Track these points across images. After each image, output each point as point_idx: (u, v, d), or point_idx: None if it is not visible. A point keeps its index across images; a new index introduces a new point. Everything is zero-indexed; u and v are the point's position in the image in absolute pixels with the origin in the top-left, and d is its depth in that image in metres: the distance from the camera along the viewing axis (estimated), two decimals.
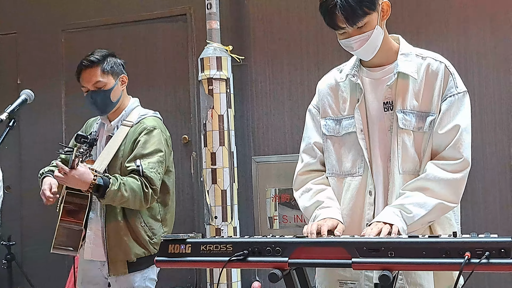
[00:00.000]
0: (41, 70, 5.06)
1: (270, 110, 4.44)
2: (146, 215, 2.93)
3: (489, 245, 1.58)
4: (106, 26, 4.92)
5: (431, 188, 2.01)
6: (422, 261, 1.64)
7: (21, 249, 5.03)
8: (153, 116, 3.07)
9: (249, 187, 4.43)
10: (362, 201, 2.12)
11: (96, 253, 2.93)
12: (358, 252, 1.70)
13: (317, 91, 2.33)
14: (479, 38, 3.95)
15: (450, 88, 2.08)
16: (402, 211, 1.97)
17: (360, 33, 2.05)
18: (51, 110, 5.02)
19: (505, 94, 3.88)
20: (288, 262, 1.75)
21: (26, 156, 5.10)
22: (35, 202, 5.00)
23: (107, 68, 2.94)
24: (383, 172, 2.11)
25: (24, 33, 5.17)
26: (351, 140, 2.16)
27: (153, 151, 2.88)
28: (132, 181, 2.77)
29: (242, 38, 4.50)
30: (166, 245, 1.85)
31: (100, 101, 2.94)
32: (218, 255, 1.80)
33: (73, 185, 2.76)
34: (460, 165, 2.03)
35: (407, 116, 2.08)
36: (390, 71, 2.13)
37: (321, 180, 2.26)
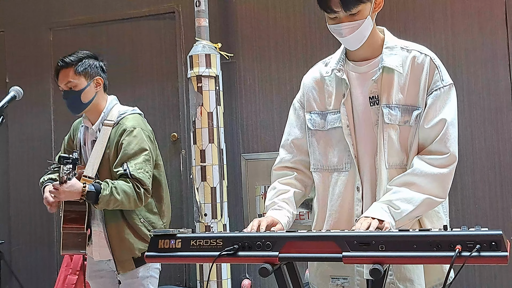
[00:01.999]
0: (29, 68, 5.03)
1: (259, 108, 4.43)
2: (144, 211, 3.02)
3: (480, 238, 1.57)
4: (93, 24, 4.89)
5: (418, 183, 2.00)
6: (413, 255, 1.63)
7: (9, 248, 5.01)
8: (132, 114, 3.10)
9: (238, 184, 4.42)
10: (350, 197, 2.11)
11: (104, 254, 3.03)
12: (348, 246, 1.68)
13: (302, 84, 2.32)
14: (466, 34, 3.95)
15: (436, 82, 2.07)
16: (390, 206, 1.96)
17: (351, 20, 2.03)
18: (40, 109, 4.99)
19: (493, 90, 3.89)
20: (279, 256, 1.74)
21: (14, 155, 5.07)
22: (23, 200, 4.99)
23: (79, 70, 3.01)
24: (370, 167, 2.10)
25: (11, 31, 5.14)
26: (337, 135, 2.15)
27: (137, 151, 2.94)
28: (123, 184, 2.85)
29: (231, 36, 4.49)
30: (156, 240, 1.84)
31: (70, 100, 3.04)
32: (208, 250, 1.79)
33: (67, 198, 2.83)
34: (447, 160, 2.02)
35: (392, 111, 2.06)
36: (375, 65, 2.12)
37: (287, 180, 2.26)
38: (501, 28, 3.91)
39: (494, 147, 3.86)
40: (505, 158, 3.86)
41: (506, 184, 3.86)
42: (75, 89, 3.00)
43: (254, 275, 4.35)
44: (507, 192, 3.86)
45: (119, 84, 3.16)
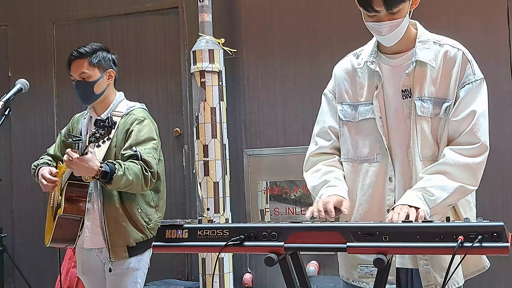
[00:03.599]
0: (32, 63, 5.05)
1: (262, 104, 4.45)
2: (142, 202, 3.03)
3: (482, 229, 1.61)
4: (97, 19, 4.91)
5: (450, 172, 2.02)
6: (416, 245, 1.66)
7: (12, 241, 5.03)
8: (141, 108, 3.19)
9: (240, 179, 4.44)
10: (382, 187, 2.14)
11: (96, 241, 3.01)
12: (353, 236, 1.72)
13: (333, 75, 2.33)
14: (469, 33, 3.97)
15: (468, 76, 2.10)
16: (424, 194, 1.98)
17: (392, 19, 2.03)
18: (42, 103, 5.01)
19: (496, 88, 3.89)
20: (284, 246, 1.77)
21: (17, 149, 5.10)
22: (26, 194, 5.02)
23: (94, 61, 3.05)
24: (402, 159, 2.12)
25: (14, 26, 5.16)
26: (369, 126, 2.17)
27: (146, 139, 3.00)
28: (133, 165, 2.86)
29: (234, 32, 4.50)
30: (163, 231, 1.87)
31: (83, 91, 3.08)
32: (215, 240, 1.82)
33: (81, 172, 2.81)
34: (478, 149, 2.06)
35: (424, 103, 2.09)
36: (408, 58, 2.13)
37: (331, 162, 2.26)
38: (504, 27, 3.93)
39: (496, 145, 3.84)
40: (506, 156, 3.89)
41: (506, 182, 3.89)
42: (89, 80, 3.03)
43: (256, 269, 4.38)
44: (508, 189, 3.89)
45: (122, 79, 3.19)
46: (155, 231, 2.99)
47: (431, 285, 2.07)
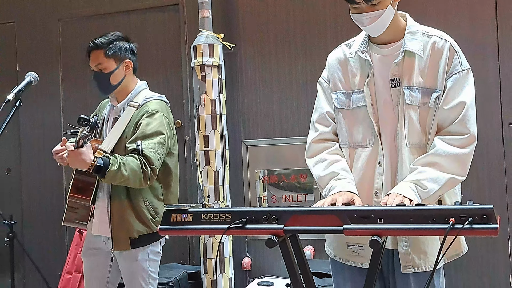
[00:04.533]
0: (39, 58, 5.04)
1: (259, 97, 4.46)
2: (150, 195, 2.94)
3: (472, 212, 1.62)
4: (100, 16, 4.90)
5: (441, 163, 2.02)
6: (409, 227, 1.67)
7: (22, 228, 5.03)
8: (157, 100, 3.04)
9: (239, 169, 4.45)
10: (372, 170, 2.14)
11: (103, 229, 2.96)
12: (349, 219, 1.73)
13: (327, 64, 2.33)
14: (458, 29, 3.97)
15: (455, 66, 2.10)
16: (418, 186, 1.99)
17: (373, 10, 2.05)
18: (49, 97, 5.01)
19: (483, 81, 3.91)
20: (284, 229, 1.77)
21: (25, 141, 5.10)
22: (34, 183, 5.03)
23: (109, 53, 2.94)
24: (390, 145, 2.13)
25: (22, 23, 5.15)
26: (361, 113, 2.17)
27: (153, 133, 2.87)
28: (131, 161, 2.75)
29: (233, 27, 4.50)
30: (168, 215, 1.87)
31: (100, 82, 2.98)
32: (218, 223, 1.82)
33: (74, 165, 2.74)
34: (467, 140, 2.06)
35: (413, 92, 2.09)
36: (397, 48, 2.14)
37: (335, 150, 2.25)
38: (491, 22, 3.93)
39: (483, 136, 3.88)
40: (493, 145, 3.90)
41: (493, 172, 3.90)
42: (105, 71, 2.93)
43: (254, 253, 4.40)
44: (494, 179, 3.90)
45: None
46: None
47: (409, 266, 2.08)
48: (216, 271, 4.02)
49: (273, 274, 4.28)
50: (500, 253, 3.88)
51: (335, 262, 2.27)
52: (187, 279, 4.09)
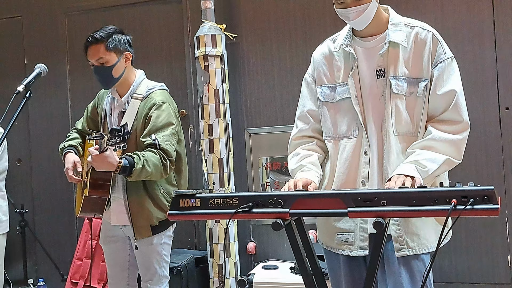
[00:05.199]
0: (46, 51, 5.02)
1: (261, 85, 4.44)
2: (164, 182, 2.97)
3: (473, 193, 1.62)
4: (105, 9, 4.88)
5: (437, 147, 2.03)
6: (412, 209, 1.67)
7: (33, 216, 5.05)
8: (160, 90, 3.04)
9: (243, 156, 4.45)
10: (357, 160, 2.14)
11: (121, 219, 2.97)
12: (353, 202, 1.72)
13: (312, 60, 2.33)
14: (455, 14, 3.96)
15: (440, 55, 2.09)
16: (417, 166, 1.99)
17: (358, 5, 2.05)
18: (57, 88, 4.99)
19: (479, 65, 3.91)
20: (289, 212, 1.78)
21: (34, 131, 5.09)
22: (44, 173, 5.03)
23: (110, 46, 2.90)
24: (377, 134, 2.13)
25: (28, 16, 5.12)
26: (346, 105, 2.17)
27: (165, 124, 2.88)
28: (152, 156, 2.77)
29: (234, 18, 4.48)
30: (177, 200, 1.87)
31: (102, 76, 2.94)
32: (225, 208, 1.83)
33: (101, 168, 2.72)
34: (461, 127, 2.07)
35: (399, 82, 2.09)
36: (381, 40, 2.14)
37: (309, 146, 2.28)
38: (488, 8, 3.90)
39: (480, 118, 3.89)
40: (490, 128, 3.89)
41: (491, 153, 3.89)
42: (107, 65, 2.89)
43: (258, 238, 4.40)
44: (492, 160, 3.89)
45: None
46: None
47: (402, 249, 2.08)
48: (222, 256, 4.03)
49: (277, 258, 4.29)
50: (498, 234, 3.87)
51: (327, 251, 2.28)
52: (194, 264, 4.10)
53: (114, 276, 3.11)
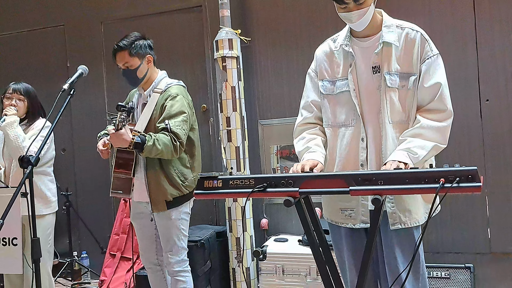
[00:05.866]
0: (85, 54, 5.05)
1: (272, 82, 4.43)
2: (178, 164, 2.99)
3: (459, 173, 1.63)
4: (136, 18, 4.89)
5: (425, 134, 2.03)
6: (406, 187, 1.68)
7: (76, 198, 5.10)
8: (177, 85, 3.09)
9: (256, 144, 4.45)
10: (356, 146, 2.14)
11: (142, 196, 3.01)
12: (354, 182, 1.73)
13: (314, 57, 2.33)
14: (441, 18, 3.93)
15: (427, 52, 2.09)
16: (409, 153, 1.99)
17: (359, 9, 2.05)
18: (95, 87, 5.02)
19: (464, 65, 3.87)
20: (299, 191, 1.78)
21: (76, 124, 5.13)
22: (85, 160, 5.07)
23: (133, 52, 2.95)
24: (374, 123, 2.12)
25: (70, 25, 5.15)
26: (344, 98, 2.17)
27: (177, 112, 2.92)
28: (163, 137, 2.81)
29: (248, 24, 4.47)
30: (202, 181, 1.89)
31: (129, 77, 3.01)
32: (244, 187, 1.84)
33: (117, 144, 2.77)
34: (445, 115, 2.06)
35: (392, 77, 2.08)
36: (376, 40, 2.13)
37: (314, 130, 2.28)
38: (469, 13, 3.86)
39: (463, 109, 3.86)
40: (472, 120, 3.86)
41: (473, 142, 3.86)
42: (131, 68, 2.95)
43: (270, 215, 4.41)
44: (474, 148, 3.86)
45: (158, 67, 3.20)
46: (190, 188, 3.02)
47: (396, 223, 2.09)
48: (239, 230, 4.05)
49: (287, 232, 4.30)
50: (479, 211, 3.86)
51: (331, 225, 2.28)
52: (215, 237, 4.12)
53: (145, 248, 3.14)
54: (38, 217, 3.00)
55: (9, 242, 2.43)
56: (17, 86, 3.14)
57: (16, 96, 3.11)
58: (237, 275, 4.06)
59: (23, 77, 3.63)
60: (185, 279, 3.04)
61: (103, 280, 4.57)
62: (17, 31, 5.32)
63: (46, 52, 5.23)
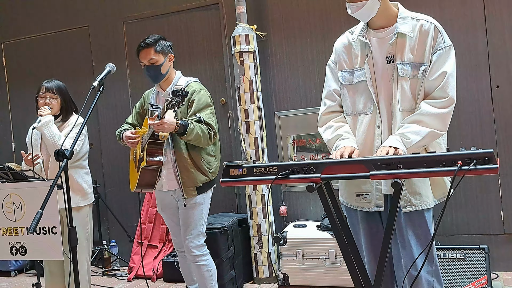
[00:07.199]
0: (109, 53, 5.09)
1: (287, 75, 4.43)
2: (204, 153, 3.03)
3: (476, 155, 1.61)
4: (157, 17, 4.90)
5: (424, 120, 2.02)
6: (424, 170, 1.67)
7: (104, 190, 5.16)
8: (195, 81, 3.15)
9: (273, 135, 4.46)
10: (372, 133, 2.14)
11: (171, 184, 3.04)
12: (374, 167, 1.73)
13: (334, 49, 2.33)
14: (451, 8, 3.88)
15: (439, 43, 2.07)
16: (402, 137, 1.99)
17: (357, 1, 2.08)
18: (119, 84, 5.06)
19: (473, 52, 3.83)
20: (321, 177, 1.79)
21: (102, 120, 5.17)
22: (112, 154, 5.12)
23: (158, 49, 3.00)
24: (387, 111, 2.13)
25: (94, 26, 5.18)
26: (362, 87, 2.17)
27: (205, 105, 2.99)
28: (200, 125, 2.88)
29: (263, 20, 4.46)
30: (228, 170, 1.90)
31: (153, 73, 3.03)
32: (267, 174, 1.84)
33: (166, 130, 2.78)
34: (446, 102, 2.04)
35: (404, 67, 2.08)
36: (391, 31, 2.13)
37: (340, 118, 2.27)
38: (479, 2, 3.82)
39: (474, 96, 3.83)
40: (483, 104, 3.82)
41: (485, 126, 3.83)
42: (156, 64, 2.99)
43: (289, 202, 4.42)
44: (486, 132, 3.83)
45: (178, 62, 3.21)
46: (215, 174, 3.06)
47: (407, 205, 2.08)
48: (260, 217, 4.07)
49: (305, 218, 4.31)
50: (492, 193, 3.83)
51: (348, 208, 2.28)
52: (237, 224, 4.14)
53: (177, 234, 3.18)
54: (77, 209, 3.05)
55: (49, 231, 2.47)
56: (49, 84, 3.17)
57: (49, 95, 3.14)
58: (259, 259, 4.08)
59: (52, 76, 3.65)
60: (207, 262, 3.08)
61: (132, 267, 4.63)
62: (45, 32, 5.38)
63: (72, 52, 5.27)
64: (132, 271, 4.60)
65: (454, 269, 3.39)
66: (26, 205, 2.57)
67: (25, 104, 5.45)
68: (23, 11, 5.47)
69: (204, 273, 3.06)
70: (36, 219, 2.01)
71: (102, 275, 4.77)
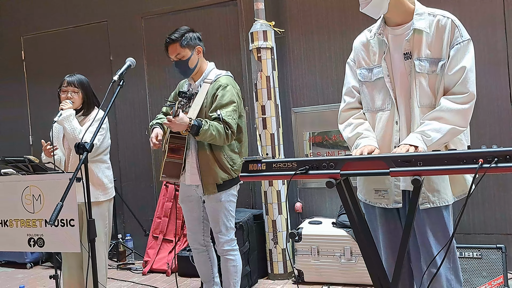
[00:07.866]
0: (127, 48, 5.11)
1: (304, 72, 4.42)
2: (228, 150, 3.02)
3: (497, 153, 1.59)
4: (175, 12, 4.92)
5: (445, 117, 2.00)
6: (444, 168, 1.65)
7: (120, 184, 5.19)
8: (226, 75, 3.11)
9: (290, 131, 4.46)
10: (390, 129, 2.13)
11: (193, 179, 3.04)
12: (394, 163, 1.72)
13: (353, 47, 2.33)
14: (470, 4, 3.85)
15: (457, 38, 2.05)
16: (423, 135, 1.98)
17: None
18: (136, 79, 5.08)
19: (492, 48, 3.79)
20: (340, 173, 1.78)
21: (120, 114, 5.21)
22: (128, 149, 5.16)
23: (184, 44, 2.98)
24: (405, 106, 2.11)
25: (112, 21, 5.22)
26: (380, 83, 2.16)
27: (228, 102, 2.95)
28: (216, 124, 2.86)
29: (281, 16, 4.46)
30: (247, 165, 1.89)
31: (181, 68, 3.03)
32: (286, 170, 1.83)
33: (177, 128, 2.81)
34: (467, 98, 2.02)
35: (422, 63, 2.06)
36: (408, 28, 2.11)
37: (359, 115, 2.27)
38: None
39: (493, 93, 3.79)
40: (502, 102, 3.79)
41: (503, 123, 3.79)
42: (183, 59, 2.98)
43: (304, 198, 4.42)
44: (504, 129, 3.80)
45: None
46: (238, 172, 3.06)
47: (425, 202, 2.07)
48: (275, 213, 4.08)
49: (321, 215, 4.31)
50: (509, 192, 3.79)
51: (366, 204, 2.28)
52: (253, 220, 4.15)
53: (192, 229, 3.19)
54: (97, 203, 3.06)
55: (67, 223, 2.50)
56: (71, 78, 3.19)
57: (71, 89, 3.16)
58: (274, 255, 4.09)
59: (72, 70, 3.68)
60: (234, 257, 3.10)
61: (147, 261, 4.67)
62: (65, 27, 5.43)
63: (91, 47, 5.31)
64: (147, 264, 4.64)
65: (470, 268, 3.37)
66: (45, 197, 2.61)
67: (43, 98, 5.51)
68: (42, 5, 5.53)
69: (230, 268, 3.08)
70: (56, 211, 2.04)
71: (117, 269, 4.81)
